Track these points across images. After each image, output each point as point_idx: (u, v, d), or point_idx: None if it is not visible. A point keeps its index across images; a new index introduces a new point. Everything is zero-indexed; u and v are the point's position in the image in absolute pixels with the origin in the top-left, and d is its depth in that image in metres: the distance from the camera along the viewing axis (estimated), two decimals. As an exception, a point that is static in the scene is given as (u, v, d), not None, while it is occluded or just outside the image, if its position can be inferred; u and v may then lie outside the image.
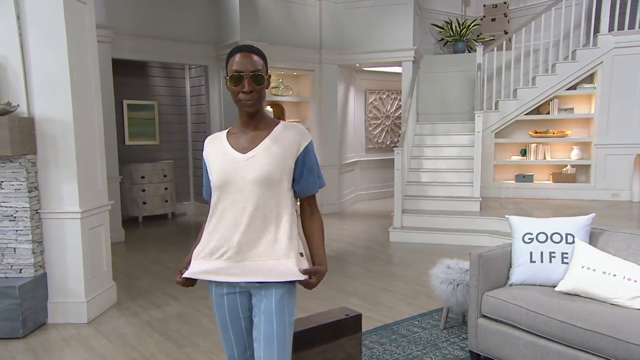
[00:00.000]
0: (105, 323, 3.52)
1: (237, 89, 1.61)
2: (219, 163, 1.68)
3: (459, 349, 2.95)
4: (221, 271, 1.68)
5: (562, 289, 2.47)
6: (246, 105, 1.62)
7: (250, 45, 1.66)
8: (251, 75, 1.59)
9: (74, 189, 3.42)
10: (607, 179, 7.01)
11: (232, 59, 1.63)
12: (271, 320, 1.64)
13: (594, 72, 7.02)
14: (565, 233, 2.62)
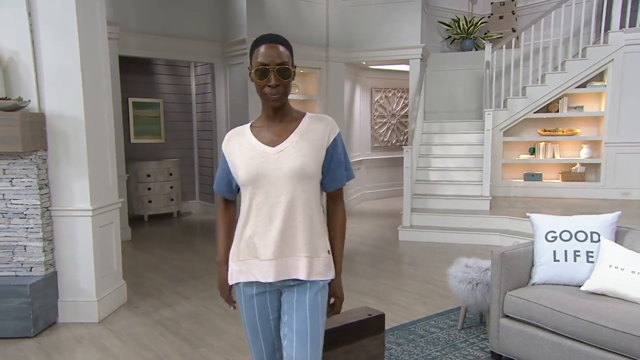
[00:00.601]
0: (116, 322, 3.46)
1: (263, 83, 1.53)
2: (247, 158, 1.60)
3: (479, 350, 2.90)
4: (255, 270, 1.60)
5: (589, 288, 2.41)
6: (272, 99, 1.55)
7: (276, 35, 1.57)
8: (277, 68, 1.52)
9: (85, 186, 3.37)
10: (618, 178, 6.95)
11: (257, 50, 1.55)
12: (305, 318, 1.57)
13: (605, 70, 6.95)
14: (590, 231, 2.56)
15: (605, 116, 7.02)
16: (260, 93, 1.56)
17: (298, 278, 1.58)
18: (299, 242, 1.58)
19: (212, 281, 4.38)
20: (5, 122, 3.01)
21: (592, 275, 2.43)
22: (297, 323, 1.58)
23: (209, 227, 6.96)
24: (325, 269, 1.61)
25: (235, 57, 7.10)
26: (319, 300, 1.60)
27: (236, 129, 1.72)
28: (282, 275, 1.59)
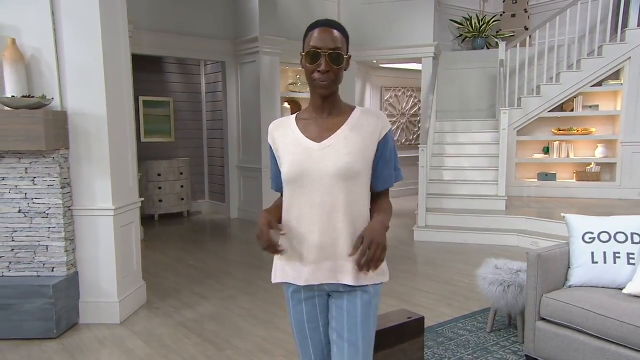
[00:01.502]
0: (138, 324, 3.42)
1: (313, 68, 1.44)
2: (290, 153, 1.51)
3: (512, 353, 2.84)
4: (303, 274, 1.52)
5: (632, 291, 2.35)
6: (320, 86, 1.45)
7: (332, 20, 1.50)
8: (330, 53, 1.43)
9: (107, 185, 3.32)
10: (634, 178, 6.88)
11: (310, 34, 1.47)
12: (356, 328, 1.50)
13: (621, 68, 6.88)
14: (630, 232, 2.50)
15: (621, 115, 6.95)
16: (309, 79, 1.48)
17: (345, 284, 1.50)
18: (344, 245, 1.48)
19: (229, 281, 4.34)
20: (29, 120, 2.96)
21: (635, 277, 2.37)
22: (348, 333, 1.51)
23: (219, 227, 6.91)
24: (383, 270, 1.55)
25: (247, 56, 7.05)
26: (372, 308, 1.54)
27: (280, 120, 1.61)
28: (327, 279, 1.51)
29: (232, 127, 7.41)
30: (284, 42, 7.03)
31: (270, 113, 6.99)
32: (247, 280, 4.37)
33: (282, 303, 3.78)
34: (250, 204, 7.27)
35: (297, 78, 7.73)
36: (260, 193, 7.01)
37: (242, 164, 7.36)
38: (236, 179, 7.47)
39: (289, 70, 7.70)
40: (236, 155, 7.44)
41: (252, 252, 5.40)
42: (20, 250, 3.23)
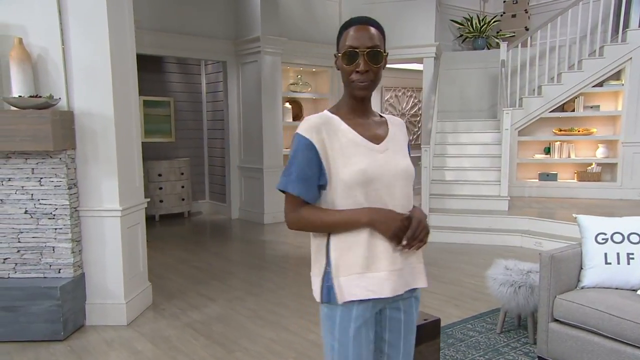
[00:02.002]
0: (144, 325, 3.39)
1: (351, 68, 1.38)
2: (353, 155, 1.39)
3: (523, 354, 2.84)
4: (387, 285, 1.38)
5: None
6: (359, 87, 1.39)
7: (367, 17, 1.42)
8: (368, 52, 1.37)
9: (114, 186, 3.30)
10: (635, 178, 6.90)
11: (346, 33, 1.40)
12: (412, 335, 1.50)
13: (622, 69, 6.90)
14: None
15: (622, 115, 6.97)
16: (346, 80, 1.42)
17: (417, 287, 1.47)
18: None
19: (234, 282, 4.31)
20: (37, 120, 2.93)
21: (649, 278, 2.37)
22: (404, 343, 1.49)
23: (220, 227, 6.88)
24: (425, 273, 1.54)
25: (248, 55, 7.02)
26: (417, 314, 1.56)
27: (318, 117, 1.43)
28: (402, 287, 1.42)
29: (233, 127, 7.38)
30: (286, 42, 7.01)
31: (272, 113, 6.97)
32: (252, 281, 4.35)
33: (288, 303, 3.76)
34: (251, 204, 7.24)
35: (298, 78, 7.72)
36: (262, 193, 6.99)
37: (243, 164, 7.33)
38: (237, 179, 7.44)
39: (290, 70, 7.68)
40: (237, 155, 7.41)
41: (254, 253, 5.38)
42: (26, 252, 3.19)
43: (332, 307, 1.41)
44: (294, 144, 1.42)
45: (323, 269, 1.43)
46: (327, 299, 1.42)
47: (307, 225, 1.42)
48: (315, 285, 1.46)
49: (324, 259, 1.43)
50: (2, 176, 3.14)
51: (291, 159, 1.41)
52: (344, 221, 1.37)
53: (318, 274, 1.45)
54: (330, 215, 1.39)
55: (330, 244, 1.42)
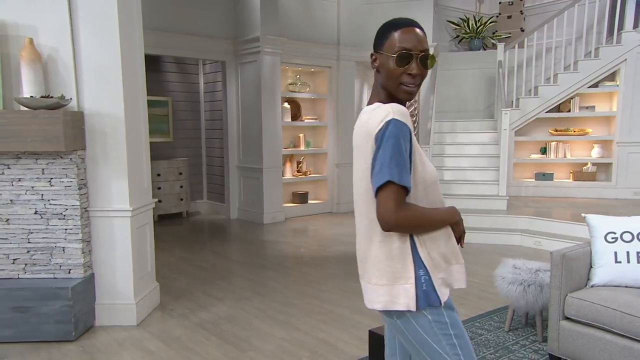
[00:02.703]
0: (154, 325, 3.39)
1: (401, 70, 1.37)
2: (424, 154, 1.45)
3: (533, 352, 2.88)
4: (456, 276, 1.46)
5: (656, 290, 2.41)
6: (408, 90, 1.39)
7: (412, 19, 1.41)
8: (421, 55, 1.37)
9: (124, 186, 3.29)
10: (629, 178, 7.02)
11: (395, 34, 1.38)
12: None
13: (617, 70, 7.01)
14: (652, 233, 2.56)
15: (617, 116, 7.09)
16: (393, 82, 1.39)
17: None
18: None
19: (239, 282, 4.33)
20: (48, 120, 2.92)
21: (659, 277, 2.43)
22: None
23: (220, 227, 6.88)
24: None
25: (247, 55, 7.02)
26: None
27: (403, 108, 1.40)
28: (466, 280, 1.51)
29: (232, 127, 7.38)
30: (285, 42, 7.02)
31: (271, 113, 6.98)
32: (256, 281, 4.36)
33: (296, 303, 3.78)
34: (250, 204, 7.25)
35: (297, 78, 7.73)
36: (261, 193, 7.00)
37: (242, 164, 7.33)
38: (236, 179, 7.44)
39: (289, 70, 7.69)
40: (236, 155, 7.41)
41: (256, 253, 5.39)
42: (36, 252, 3.18)
43: (434, 311, 1.38)
44: (394, 130, 1.30)
45: (412, 274, 1.36)
46: (426, 305, 1.36)
47: (416, 223, 1.34)
48: (398, 294, 1.37)
49: (411, 264, 1.37)
50: (12, 176, 3.12)
51: (394, 147, 1.28)
52: (442, 219, 1.39)
53: (401, 282, 1.37)
54: (432, 213, 1.37)
55: (417, 247, 1.38)
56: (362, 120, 1.43)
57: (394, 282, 1.37)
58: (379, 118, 1.34)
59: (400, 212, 1.29)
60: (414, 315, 1.37)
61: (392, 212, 1.28)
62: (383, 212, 1.29)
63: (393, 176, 1.27)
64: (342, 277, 4.47)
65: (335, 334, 3.21)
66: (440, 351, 1.38)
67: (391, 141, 1.29)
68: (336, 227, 6.78)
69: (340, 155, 7.90)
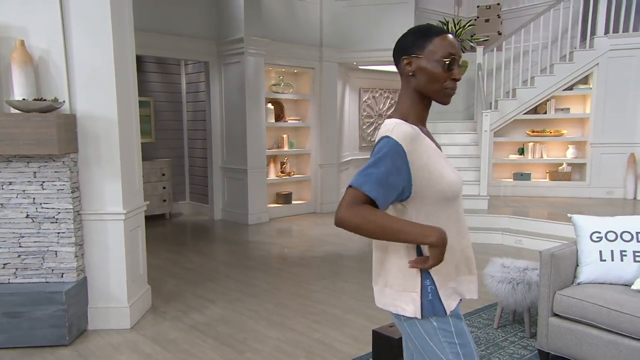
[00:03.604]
0: (148, 328, 3.39)
1: (447, 75, 1.39)
2: (443, 166, 1.41)
3: (522, 348, 3.00)
4: (467, 287, 1.49)
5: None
6: (449, 94, 1.42)
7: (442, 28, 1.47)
8: (460, 62, 1.44)
9: (117, 189, 3.28)
10: (602, 178, 7.28)
11: (438, 39, 1.39)
12: None
13: (590, 74, 7.26)
14: (635, 232, 2.69)
15: (590, 118, 7.34)
16: (437, 86, 1.41)
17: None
18: None
19: (230, 283, 4.34)
20: (41, 123, 2.89)
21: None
22: None
23: (204, 228, 6.86)
24: None
25: (231, 56, 7.01)
26: None
27: (410, 128, 1.38)
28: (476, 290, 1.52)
29: (215, 128, 7.36)
30: (269, 43, 7.04)
31: (255, 114, 6.99)
32: (247, 282, 4.38)
33: (288, 303, 3.82)
34: (234, 205, 7.24)
35: (280, 79, 7.75)
36: (246, 194, 7.00)
37: (226, 164, 7.32)
38: (219, 180, 7.42)
39: (272, 70, 7.71)
40: (219, 156, 7.39)
41: (243, 254, 5.40)
42: (27, 256, 3.14)
43: (440, 319, 1.41)
44: (383, 147, 1.33)
45: (418, 283, 1.40)
46: (431, 313, 1.40)
47: (365, 223, 1.27)
48: (406, 302, 1.41)
49: (418, 274, 1.40)
50: (2, 180, 3.08)
51: (376, 161, 1.31)
52: (409, 233, 1.28)
53: (409, 290, 1.40)
54: (396, 223, 1.28)
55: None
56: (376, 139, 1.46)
57: (403, 290, 1.41)
58: (380, 133, 1.41)
59: (350, 208, 1.28)
60: (421, 321, 1.42)
61: (341, 209, 1.28)
62: (337, 209, 1.31)
63: (355, 183, 1.30)
64: (330, 277, 4.53)
65: (330, 334, 3.26)
66: (444, 359, 1.41)
67: (376, 155, 1.33)
68: (320, 227, 6.84)
69: (324, 156, 7.96)
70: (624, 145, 7.16)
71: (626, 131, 7.15)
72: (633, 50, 7.02)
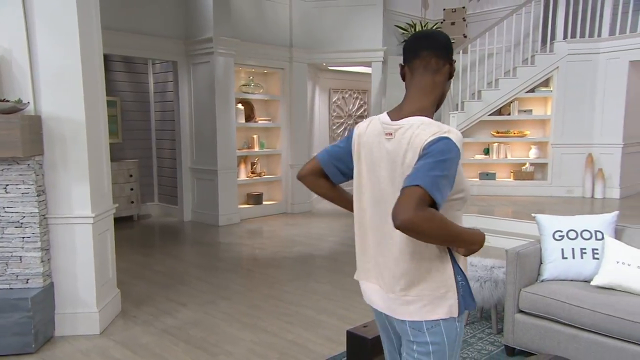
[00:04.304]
0: (118, 333, 3.33)
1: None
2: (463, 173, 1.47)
3: (489, 344, 3.10)
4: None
5: (599, 283, 2.66)
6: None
7: None
8: None
9: (85, 192, 3.21)
10: (563, 177, 7.56)
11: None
12: None
13: (551, 77, 7.53)
14: (594, 230, 2.82)
15: (551, 119, 7.60)
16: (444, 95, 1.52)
17: None
18: None
19: (202, 286, 4.31)
20: (4, 125, 2.81)
21: (600, 271, 2.69)
22: None
23: (174, 230, 6.77)
24: None
25: (200, 56, 6.94)
26: None
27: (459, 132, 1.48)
28: None
29: (184, 128, 7.27)
30: (238, 43, 7.00)
31: (225, 114, 6.94)
32: (219, 284, 4.36)
33: (261, 305, 3.83)
34: (204, 206, 7.17)
35: (250, 79, 7.72)
36: (216, 195, 6.94)
37: (196, 165, 7.24)
38: (189, 180, 7.34)
39: (242, 71, 7.67)
40: (189, 157, 7.31)
41: (215, 255, 5.37)
42: (-10, 263, 3.04)
43: (461, 320, 1.45)
44: (449, 151, 1.29)
45: (453, 281, 1.41)
46: (463, 309, 1.43)
47: (433, 229, 1.22)
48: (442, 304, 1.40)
49: (451, 270, 1.41)
50: (-37, 184, 2.97)
51: (442, 163, 1.26)
52: (464, 239, 1.33)
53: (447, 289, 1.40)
54: (456, 228, 1.30)
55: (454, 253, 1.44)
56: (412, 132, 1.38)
57: (444, 291, 1.40)
58: (429, 133, 1.34)
59: (420, 211, 1.19)
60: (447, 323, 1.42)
61: (411, 209, 1.19)
62: (401, 208, 1.20)
63: (426, 184, 1.22)
64: (303, 277, 4.55)
65: (303, 335, 3.29)
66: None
67: (438, 157, 1.27)
68: (292, 227, 6.85)
69: (294, 156, 7.97)
70: (583, 146, 7.46)
71: (584, 132, 7.45)
72: (589, 55, 7.32)
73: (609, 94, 7.30)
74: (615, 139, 7.32)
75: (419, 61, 1.47)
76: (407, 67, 1.52)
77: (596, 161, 7.44)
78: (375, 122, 1.54)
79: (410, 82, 1.50)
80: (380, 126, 1.50)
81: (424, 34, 1.51)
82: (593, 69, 7.34)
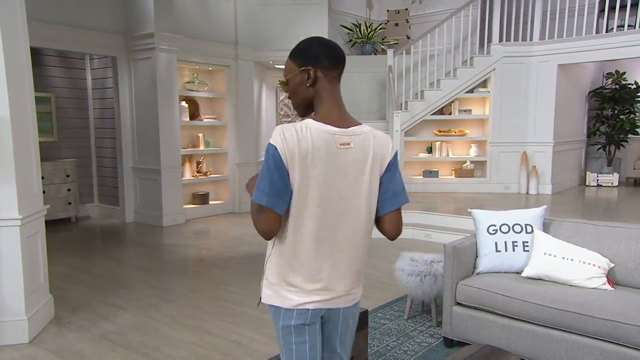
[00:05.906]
0: (51, 341, 3.17)
1: None
2: None
3: (429, 336, 3.19)
4: None
5: (528, 274, 2.80)
6: None
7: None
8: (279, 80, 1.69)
9: (11, 193, 3.03)
10: (500, 174, 7.90)
11: None
12: None
13: (488, 78, 7.84)
14: (524, 224, 2.96)
15: (489, 119, 7.93)
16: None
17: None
18: None
19: (144, 289, 4.18)
20: None
21: (530, 262, 2.83)
22: None
23: (116, 232, 6.53)
24: None
25: (141, 52, 6.73)
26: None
27: None
28: None
29: (125, 126, 7.02)
30: (181, 40, 6.84)
31: (168, 112, 6.76)
32: (163, 287, 4.25)
33: (205, 307, 3.76)
34: (147, 206, 6.96)
35: (194, 76, 7.56)
36: (159, 195, 6.76)
37: (138, 164, 7.01)
38: (131, 180, 7.10)
39: (186, 68, 7.50)
40: (130, 156, 7.07)
41: (159, 257, 5.22)
42: None
43: None
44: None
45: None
46: None
47: None
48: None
49: None
50: None
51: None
52: None
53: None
54: None
55: None
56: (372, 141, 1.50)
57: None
58: (389, 144, 1.55)
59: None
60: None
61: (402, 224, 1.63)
62: (400, 226, 1.62)
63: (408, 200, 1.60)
64: (249, 277, 4.51)
65: (247, 335, 3.26)
66: None
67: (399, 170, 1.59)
68: (239, 227, 6.77)
69: (241, 155, 7.88)
70: (518, 144, 7.83)
71: (519, 131, 7.82)
72: (522, 58, 7.70)
73: (540, 95, 7.70)
74: (546, 137, 7.74)
75: (341, 70, 1.53)
76: (324, 73, 1.50)
77: (530, 159, 7.83)
78: (313, 131, 1.43)
79: (331, 89, 1.51)
80: (325, 135, 1.43)
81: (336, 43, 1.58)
82: (526, 71, 7.71)
